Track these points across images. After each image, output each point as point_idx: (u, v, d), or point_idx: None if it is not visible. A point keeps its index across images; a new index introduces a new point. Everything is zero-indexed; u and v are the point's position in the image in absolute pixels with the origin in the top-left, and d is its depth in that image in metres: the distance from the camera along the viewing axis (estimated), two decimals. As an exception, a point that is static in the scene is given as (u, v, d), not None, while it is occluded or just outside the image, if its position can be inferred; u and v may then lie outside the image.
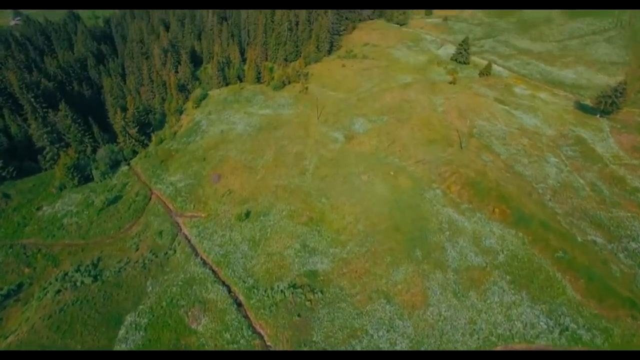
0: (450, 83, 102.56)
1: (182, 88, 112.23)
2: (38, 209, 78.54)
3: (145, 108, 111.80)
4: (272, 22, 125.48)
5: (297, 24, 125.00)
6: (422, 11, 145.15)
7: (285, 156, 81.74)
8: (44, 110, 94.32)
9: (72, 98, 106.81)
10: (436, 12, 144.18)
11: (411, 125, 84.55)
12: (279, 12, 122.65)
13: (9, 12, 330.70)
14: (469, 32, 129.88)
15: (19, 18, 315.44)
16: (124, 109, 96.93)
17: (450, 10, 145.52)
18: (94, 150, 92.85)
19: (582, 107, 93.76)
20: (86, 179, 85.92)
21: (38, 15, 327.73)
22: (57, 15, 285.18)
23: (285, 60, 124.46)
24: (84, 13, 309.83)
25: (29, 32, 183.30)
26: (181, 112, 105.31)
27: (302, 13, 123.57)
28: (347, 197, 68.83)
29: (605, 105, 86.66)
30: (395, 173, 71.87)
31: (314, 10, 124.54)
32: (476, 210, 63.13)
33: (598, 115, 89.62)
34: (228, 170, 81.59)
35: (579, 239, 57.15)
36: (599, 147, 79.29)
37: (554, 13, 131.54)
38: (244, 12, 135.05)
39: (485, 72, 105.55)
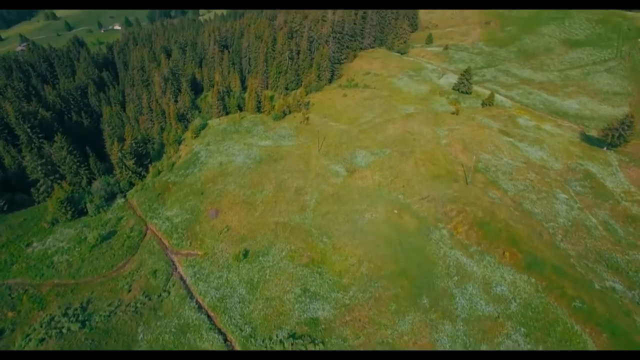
0: (453, 114, 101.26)
1: (182, 117, 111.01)
2: (28, 245, 75.43)
3: (143, 138, 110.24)
4: (273, 50, 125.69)
5: (298, 53, 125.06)
6: (423, 40, 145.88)
7: (286, 191, 79.31)
8: (40, 140, 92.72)
9: (69, 128, 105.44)
10: (437, 40, 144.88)
11: (415, 159, 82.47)
12: (280, 41, 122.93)
13: (16, 38, 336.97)
14: (469, 61, 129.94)
15: (25, 44, 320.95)
16: (122, 140, 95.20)
17: (451, 39, 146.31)
18: (90, 182, 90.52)
19: (588, 139, 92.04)
20: (80, 212, 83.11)
21: (44, 41, 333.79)
22: (62, 42, 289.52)
23: (286, 89, 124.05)
24: (88, 39, 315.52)
25: (32, 58, 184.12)
26: (180, 142, 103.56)
27: (303, 42, 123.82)
28: (350, 237, 65.93)
29: (613, 138, 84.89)
30: (399, 211, 69.22)
31: (315, 39, 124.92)
32: (485, 253, 60.15)
33: (605, 148, 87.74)
34: (226, 205, 79.02)
35: (597, 285, 53.99)
36: (608, 182, 76.95)
37: (554, 43, 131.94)
38: (245, 41, 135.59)
39: (488, 102, 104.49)
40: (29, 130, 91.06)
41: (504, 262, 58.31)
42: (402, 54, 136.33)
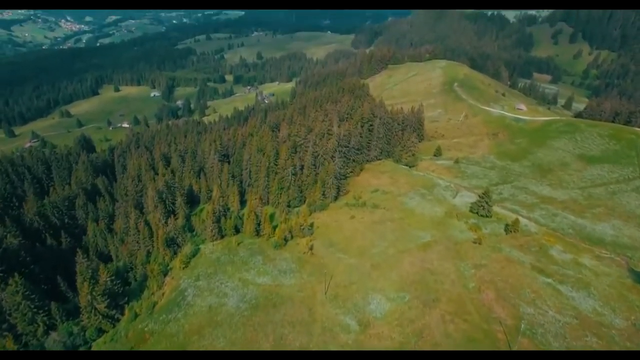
0: (475, 242, 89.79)
1: (171, 242, 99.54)
2: None
3: (125, 265, 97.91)
4: (276, 165, 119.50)
5: (301, 168, 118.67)
6: (431, 151, 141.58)
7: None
8: (-1, 276, 79.69)
9: (41, 254, 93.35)
10: (445, 152, 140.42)
11: (440, 311, 68.52)
12: (283, 156, 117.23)
13: (27, 134, 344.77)
14: (483, 177, 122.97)
15: (34, 140, 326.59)
16: (96, 274, 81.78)
17: (460, 151, 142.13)
18: (48, 331, 75.22)
19: None
20: (25, 379, 66.56)
21: (54, 138, 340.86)
22: (70, 138, 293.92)
23: (288, 206, 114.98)
24: (95, 135, 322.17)
25: (30, 161, 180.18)
26: (166, 274, 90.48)
27: (308, 157, 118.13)
28: None
29: (673, 283, 71.84)
30: (433, 402, 53.26)
31: (320, 154, 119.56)
32: None
33: (665, 294, 74.06)
34: (210, 373, 62.95)
35: None
36: (688, 348, 61.74)
37: (569, 158, 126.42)
38: (246, 152, 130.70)
39: (513, 228, 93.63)
40: (-12, 264, 78.87)
41: None
42: (410, 167, 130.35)
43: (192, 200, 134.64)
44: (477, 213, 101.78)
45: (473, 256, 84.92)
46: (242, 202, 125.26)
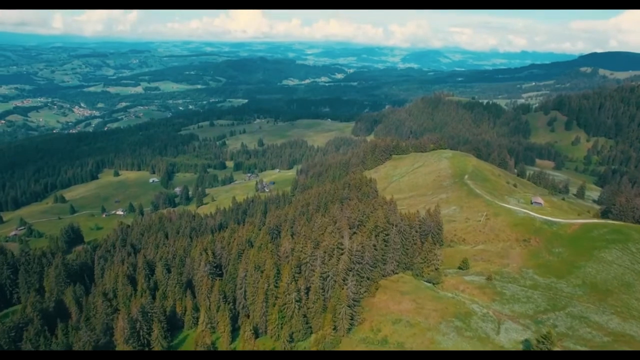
0: (546, 414, 65.86)
1: (133, 406, 75.13)
2: None
3: None
4: (276, 287, 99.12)
5: (307, 291, 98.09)
6: (454, 261, 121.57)
7: None
8: None
9: None
10: (473, 265, 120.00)
11: None
12: (285, 277, 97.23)
13: (16, 220, 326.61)
14: (526, 300, 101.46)
15: (22, 228, 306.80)
16: None
17: (489, 262, 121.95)
18: None
19: None
20: None
21: (43, 225, 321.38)
22: (60, 225, 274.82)
23: (291, 340, 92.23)
24: (87, 223, 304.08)
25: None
26: None
27: (315, 278, 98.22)
28: None
29: None
30: None
31: (329, 275, 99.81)
32: None
33: None
34: None
35: None
36: None
37: (630, 276, 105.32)
38: (242, 268, 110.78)
39: (592, 391, 70.28)
40: None
41: None
42: (434, 284, 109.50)
43: (175, 325, 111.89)
44: (536, 361, 78.67)
45: None
46: (235, 330, 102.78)
